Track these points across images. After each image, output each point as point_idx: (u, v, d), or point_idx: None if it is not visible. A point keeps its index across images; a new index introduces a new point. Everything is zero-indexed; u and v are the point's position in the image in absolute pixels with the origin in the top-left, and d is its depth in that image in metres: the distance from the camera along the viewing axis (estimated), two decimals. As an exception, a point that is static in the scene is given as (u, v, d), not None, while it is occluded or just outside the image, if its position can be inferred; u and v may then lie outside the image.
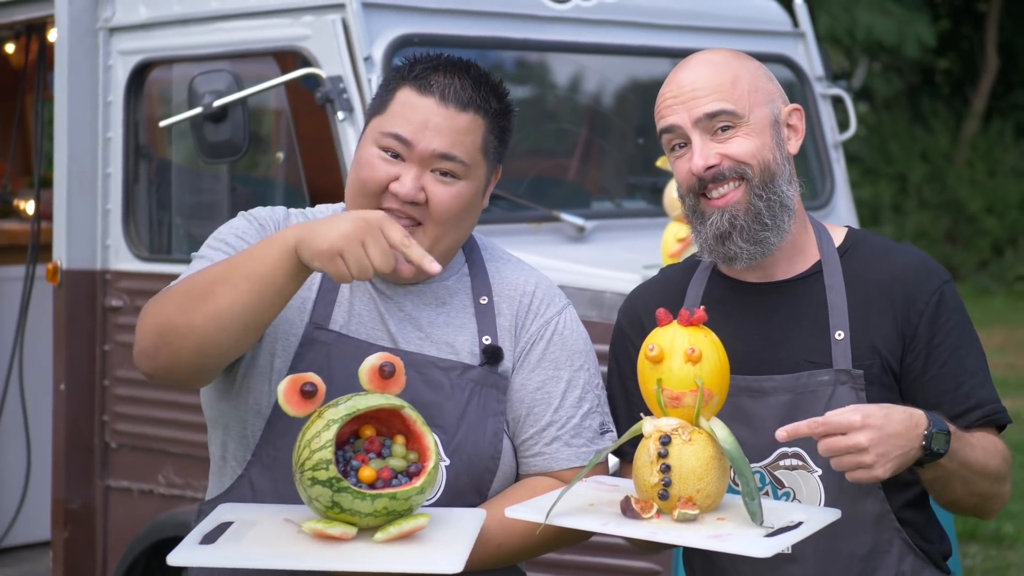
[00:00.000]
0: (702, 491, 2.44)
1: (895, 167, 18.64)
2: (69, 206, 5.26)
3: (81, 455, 5.31)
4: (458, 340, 2.71)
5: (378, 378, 2.46)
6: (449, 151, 2.61)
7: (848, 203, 5.87)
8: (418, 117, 2.61)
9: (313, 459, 2.39)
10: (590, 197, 5.73)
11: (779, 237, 2.69)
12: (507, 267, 2.81)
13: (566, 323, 2.78)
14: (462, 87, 2.63)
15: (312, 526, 2.41)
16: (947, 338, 2.68)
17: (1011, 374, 12.48)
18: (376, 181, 2.62)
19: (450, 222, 2.65)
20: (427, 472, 2.45)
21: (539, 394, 2.72)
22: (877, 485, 2.64)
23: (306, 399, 2.42)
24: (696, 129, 2.65)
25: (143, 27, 5.23)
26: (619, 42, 5.45)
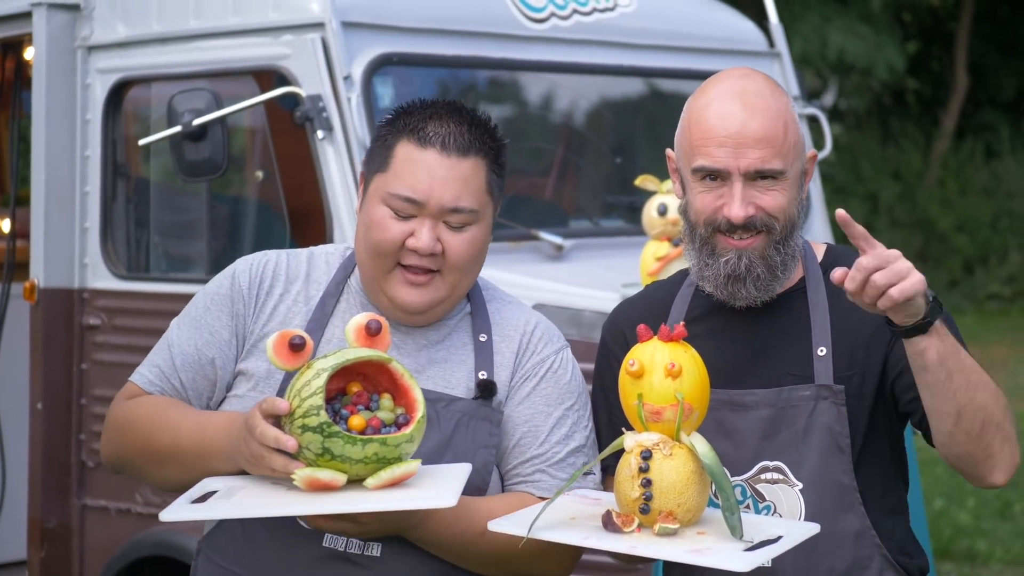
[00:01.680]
0: (683, 505, 2.46)
1: (866, 186, 18.72)
2: (47, 224, 5.25)
3: (58, 474, 5.29)
4: (453, 377, 2.74)
5: (364, 336, 2.51)
6: (459, 204, 2.66)
7: (824, 221, 5.90)
8: (424, 174, 2.65)
9: (303, 406, 2.43)
10: (568, 216, 5.74)
11: (782, 285, 2.72)
12: (508, 307, 2.84)
13: (562, 363, 2.80)
14: (460, 133, 2.67)
15: (303, 472, 2.43)
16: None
17: (983, 392, 12.51)
18: (392, 242, 2.66)
19: (467, 267, 2.70)
20: (416, 421, 2.48)
21: (526, 427, 2.75)
22: (858, 500, 2.65)
23: (295, 352, 2.47)
24: (742, 177, 2.64)
25: (122, 45, 5.23)
26: (597, 61, 5.47)
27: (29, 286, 5.26)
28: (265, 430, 2.45)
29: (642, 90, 5.85)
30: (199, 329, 2.76)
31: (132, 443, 2.72)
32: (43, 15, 5.26)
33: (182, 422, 2.67)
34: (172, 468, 2.66)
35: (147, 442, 2.69)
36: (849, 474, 2.66)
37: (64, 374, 5.28)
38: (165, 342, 2.80)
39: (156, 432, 2.68)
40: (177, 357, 2.75)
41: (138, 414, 2.72)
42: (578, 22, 5.39)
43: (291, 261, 2.82)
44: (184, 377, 2.74)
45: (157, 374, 2.76)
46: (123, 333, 5.18)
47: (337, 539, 2.64)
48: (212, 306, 2.78)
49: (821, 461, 2.66)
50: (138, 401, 2.75)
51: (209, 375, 2.75)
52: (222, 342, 2.75)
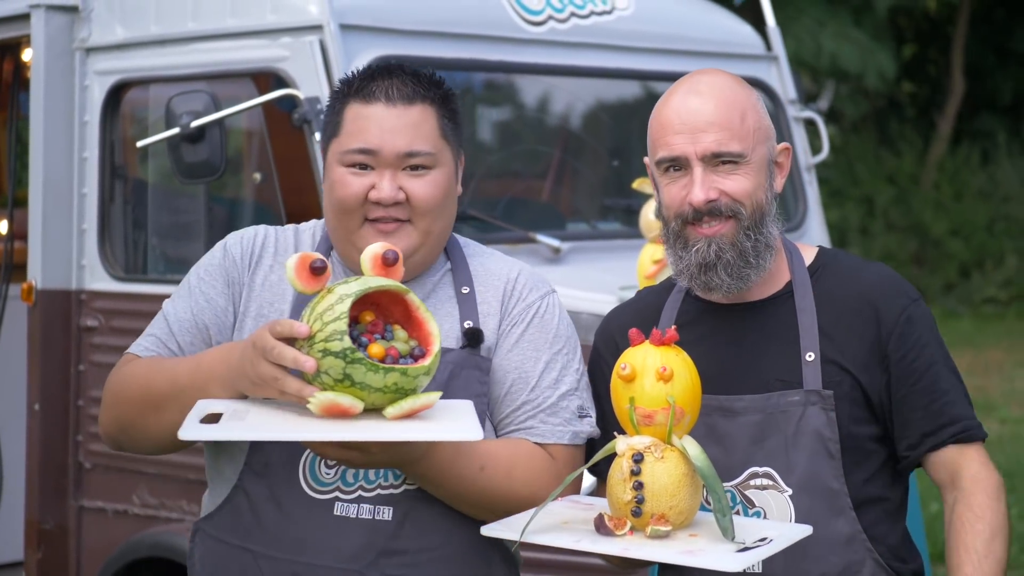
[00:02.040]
0: (674, 508, 2.47)
1: (862, 189, 18.74)
2: (44, 226, 5.25)
3: (55, 475, 5.29)
4: (442, 325, 2.75)
5: (380, 265, 2.53)
6: (412, 147, 2.72)
7: (820, 225, 5.90)
8: (374, 125, 2.71)
9: (326, 330, 2.43)
10: (565, 219, 5.75)
11: (759, 275, 2.73)
12: (490, 259, 2.88)
13: (548, 308, 2.83)
14: (402, 83, 2.74)
15: (323, 396, 2.42)
16: (918, 357, 2.70)
17: (979, 396, 12.54)
18: (354, 196, 2.72)
19: (435, 211, 2.75)
20: (432, 354, 2.49)
21: (516, 373, 2.77)
22: (848, 504, 2.67)
23: (315, 275, 2.49)
24: (700, 162, 2.68)
25: (120, 47, 5.23)
26: (594, 64, 5.48)
27: (27, 287, 5.27)
28: (283, 350, 2.45)
29: (639, 93, 5.86)
30: (194, 297, 2.80)
31: (130, 398, 2.72)
32: (41, 17, 5.26)
33: (177, 363, 2.69)
34: (171, 411, 2.64)
35: (145, 392, 2.69)
36: (839, 479, 2.67)
37: (61, 375, 5.28)
38: (160, 315, 2.83)
39: (153, 379, 2.68)
40: (174, 324, 2.78)
41: (133, 371, 2.73)
42: (575, 25, 5.39)
43: (279, 235, 2.87)
44: (182, 341, 2.77)
45: (153, 341, 2.79)
46: (120, 334, 5.17)
47: (348, 506, 2.66)
48: (206, 275, 2.81)
49: (810, 466, 2.67)
50: (135, 362, 2.76)
51: (206, 340, 2.77)
52: (218, 308, 2.78)
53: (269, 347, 2.46)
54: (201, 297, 2.79)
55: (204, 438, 2.49)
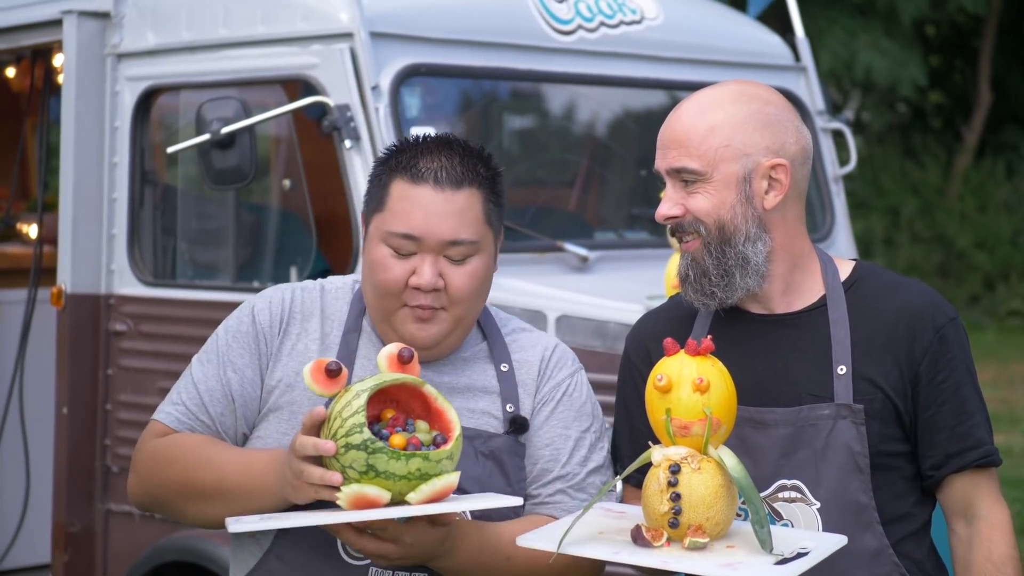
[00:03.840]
0: (712, 519, 2.46)
1: (887, 201, 18.70)
2: (74, 230, 5.28)
3: (82, 478, 5.31)
4: (479, 405, 2.76)
5: (397, 363, 2.54)
6: (457, 237, 2.67)
7: (848, 236, 5.89)
8: (419, 210, 2.66)
9: (346, 426, 2.46)
10: (593, 228, 5.76)
11: (731, 293, 2.72)
12: (524, 335, 2.87)
13: (576, 386, 2.83)
14: (451, 166, 2.68)
15: (349, 488, 2.45)
16: (948, 377, 2.70)
17: (1003, 408, 12.50)
18: (395, 282, 2.69)
19: (471, 300, 2.72)
20: (455, 439, 2.51)
21: (547, 451, 2.77)
22: (876, 519, 2.66)
23: (331, 378, 2.51)
24: (669, 177, 2.71)
25: (151, 54, 5.25)
26: (623, 74, 5.48)
27: (56, 291, 5.29)
28: (304, 439, 2.47)
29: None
30: (223, 366, 2.77)
31: (169, 480, 2.71)
32: (73, 23, 5.29)
33: (226, 460, 2.67)
34: (215, 505, 2.65)
35: (188, 480, 2.68)
36: (867, 493, 2.66)
37: (90, 379, 5.31)
38: (189, 379, 2.80)
39: (198, 469, 2.67)
40: (204, 394, 2.75)
41: (175, 452, 2.71)
42: (605, 34, 5.40)
43: (305, 297, 2.82)
44: (213, 412, 2.75)
45: (184, 412, 2.76)
46: (149, 339, 5.20)
47: (383, 572, 2.66)
48: (234, 343, 2.78)
49: (839, 480, 2.66)
50: (173, 439, 2.74)
51: (234, 411, 2.76)
52: (246, 380, 2.76)
53: (296, 471, 2.50)
54: (230, 367, 2.76)
55: (253, 528, 2.54)
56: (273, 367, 2.76)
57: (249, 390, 2.75)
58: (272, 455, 2.62)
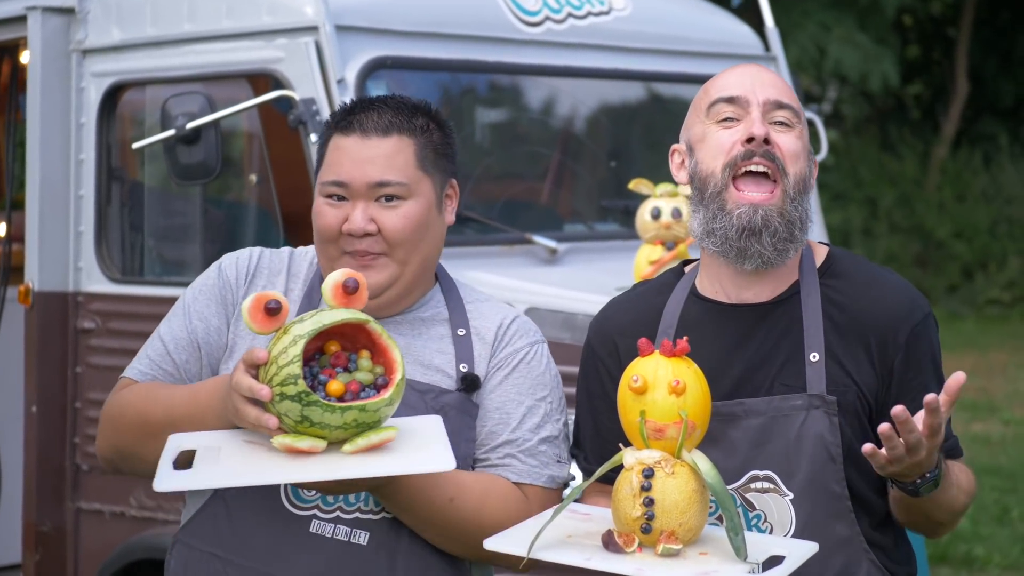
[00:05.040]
0: (684, 524, 2.41)
1: (865, 192, 18.73)
2: (41, 228, 5.25)
3: (52, 477, 5.29)
4: (435, 361, 2.76)
5: (342, 294, 2.50)
6: (382, 177, 2.72)
7: (820, 225, 5.88)
8: (346, 158, 2.72)
9: (281, 374, 2.42)
10: (562, 220, 5.74)
11: (795, 251, 2.68)
12: (485, 305, 2.87)
13: (536, 355, 2.82)
14: (379, 116, 2.75)
15: (282, 441, 2.43)
16: (919, 374, 2.67)
17: (982, 397, 12.54)
18: (329, 227, 2.73)
19: (408, 243, 2.74)
20: (395, 384, 2.47)
21: (497, 414, 2.77)
22: (848, 508, 2.64)
23: (270, 316, 2.47)
24: (760, 107, 2.64)
25: (116, 49, 5.23)
26: (591, 65, 5.47)
27: (24, 289, 5.26)
28: (240, 378, 2.46)
29: (637, 94, 5.85)
30: (188, 316, 2.80)
31: (125, 427, 2.73)
32: (38, 19, 5.26)
33: (173, 394, 2.69)
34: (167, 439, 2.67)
35: (142, 421, 2.69)
36: (841, 483, 2.64)
37: (59, 377, 5.28)
38: (155, 336, 2.83)
39: (149, 409, 2.69)
40: (169, 343, 2.79)
41: (130, 399, 2.74)
42: (572, 26, 5.39)
43: (273, 256, 2.87)
44: (178, 359, 2.78)
45: (148, 363, 2.79)
46: (118, 336, 5.18)
47: (325, 525, 2.67)
48: (201, 296, 2.82)
49: (812, 471, 2.63)
50: (129, 388, 2.77)
51: (200, 359, 2.78)
52: (212, 328, 2.79)
53: (233, 408, 2.49)
54: (196, 316, 2.79)
55: (177, 488, 2.48)
56: (237, 319, 2.79)
57: (215, 337, 2.78)
58: (217, 382, 2.63)
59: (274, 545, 2.67)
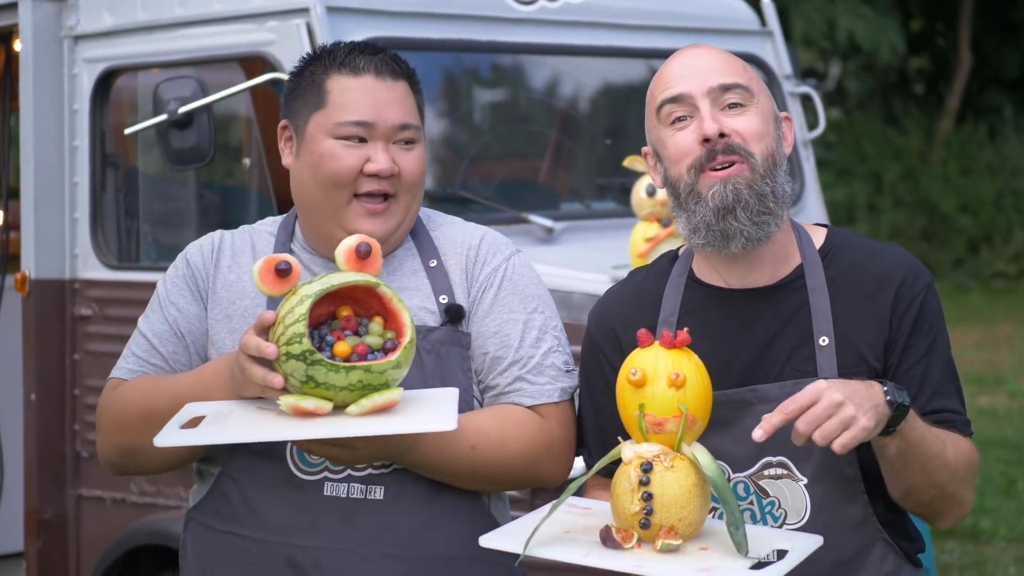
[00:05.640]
0: (684, 519, 2.37)
1: (869, 167, 18.68)
2: (37, 215, 5.24)
3: (53, 465, 5.29)
4: (413, 302, 2.73)
5: (355, 258, 2.49)
6: (405, 120, 2.74)
7: (818, 201, 5.86)
8: (368, 98, 2.70)
9: (287, 334, 2.41)
10: (559, 198, 5.72)
11: (777, 226, 2.62)
12: (451, 228, 2.86)
13: (515, 268, 2.80)
14: (385, 60, 2.75)
15: (287, 400, 2.43)
16: (919, 342, 2.63)
17: (989, 370, 12.52)
18: (349, 169, 2.69)
19: (417, 186, 2.76)
20: (403, 347, 2.45)
21: (497, 339, 2.75)
22: (862, 490, 2.60)
23: (281, 278, 2.47)
24: (707, 98, 2.59)
25: (108, 35, 5.21)
26: (585, 43, 5.45)
27: (20, 277, 5.26)
28: (248, 337, 2.46)
29: (632, 71, 5.83)
30: (166, 309, 2.79)
31: (129, 422, 2.71)
32: (29, 6, 5.25)
33: (178, 379, 2.68)
34: None
35: (147, 413, 2.67)
36: (853, 465, 2.60)
37: (57, 365, 5.28)
38: (137, 333, 2.83)
39: (152, 399, 2.67)
40: (152, 338, 2.77)
41: (131, 395, 2.72)
42: (566, 3, 5.36)
43: (236, 237, 2.86)
44: (165, 352, 2.76)
45: (135, 361, 2.78)
46: (115, 323, 5.17)
47: (339, 486, 2.66)
48: (173, 287, 2.81)
49: (826, 455, 2.56)
50: (125, 385, 2.75)
51: (186, 348, 2.77)
52: (191, 315, 2.78)
53: (241, 366, 2.49)
54: (172, 308, 2.78)
55: (180, 443, 2.48)
56: (212, 301, 2.78)
57: (196, 324, 2.77)
58: (221, 359, 2.64)
59: (292, 515, 2.66)
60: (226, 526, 2.71)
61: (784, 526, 2.61)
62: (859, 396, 2.37)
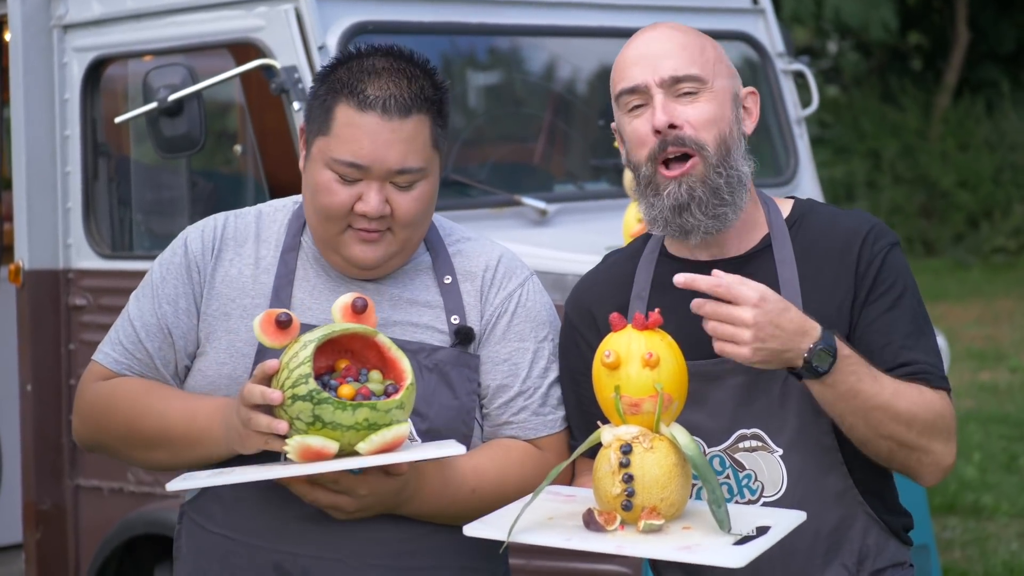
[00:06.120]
0: (666, 500, 2.39)
1: (867, 144, 18.67)
2: (29, 206, 5.23)
3: (50, 455, 5.28)
4: (423, 319, 2.72)
5: (351, 314, 2.51)
6: (404, 165, 2.62)
7: (812, 179, 5.85)
8: (366, 139, 2.60)
9: (292, 377, 2.44)
10: (553, 180, 5.71)
11: (736, 214, 2.65)
12: (467, 245, 2.82)
13: (529, 295, 2.79)
14: (399, 92, 2.62)
15: (293, 441, 2.44)
16: (882, 297, 2.63)
17: (989, 345, 12.51)
18: (340, 206, 2.63)
19: (417, 223, 2.69)
20: (405, 388, 2.48)
21: (506, 366, 2.74)
22: (840, 460, 2.61)
23: (281, 329, 2.49)
24: (660, 89, 2.61)
25: (97, 23, 5.19)
26: (576, 23, 5.43)
27: (14, 268, 5.24)
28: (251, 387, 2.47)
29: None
30: (157, 299, 2.75)
31: (111, 428, 2.71)
32: (17, -5, 5.23)
33: (168, 408, 2.66)
34: (160, 453, 2.67)
35: (130, 428, 2.68)
36: (829, 435, 2.61)
37: (52, 355, 5.26)
38: (126, 316, 2.78)
39: (140, 418, 2.67)
40: (140, 330, 2.74)
41: (116, 401, 2.70)
42: (556, -16, 5.35)
43: (239, 223, 2.80)
44: (150, 347, 2.73)
45: (121, 351, 2.75)
46: (109, 312, 5.13)
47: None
48: (168, 276, 2.76)
49: (800, 425, 2.61)
50: (113, 384, 2.73)
51: (171, 344, 2.74)
52: (181, 311, 2.74)
53: (245, 419, 2.48)
54: (164, 300, 2.74)
55: (190, 487, 2.52)
56: (208, 295, 2.74)
57: (185, 321, 2.73)
58: (217, 404, 2.62)
59: (282, 522, 2.65)
60: (218, 528, 2.71)
61: (761, 499, 2.62)
62: (771, 332, 2.42)
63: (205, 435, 2.60)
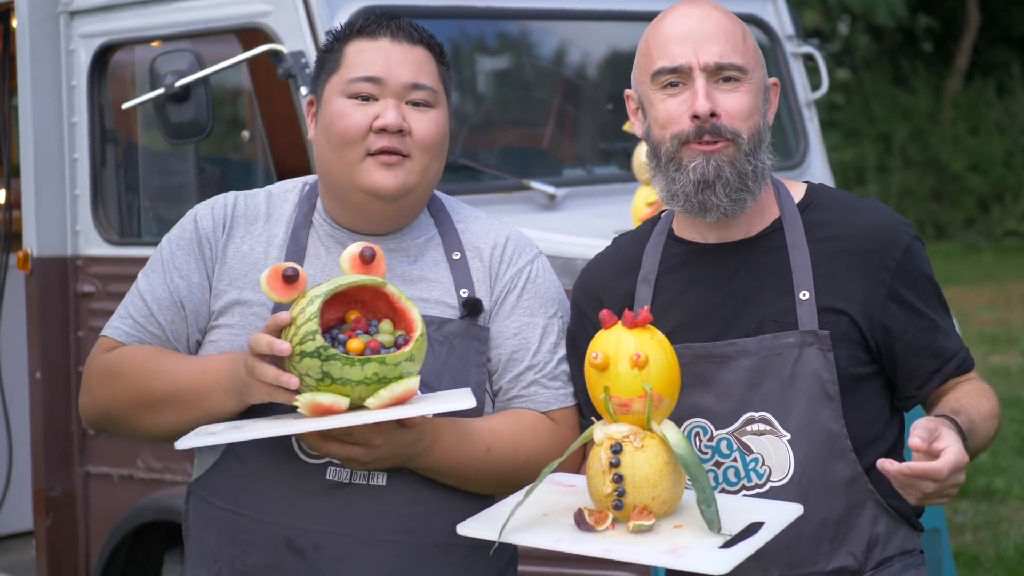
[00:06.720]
0: (657, 498, 2.38)
1: (878, 127, 18.64)
2: (37, 193, 5.22)
3: (60, 442, 5.28)
4: (432, 295, 2.73)
5: (359, 264, 2.52)
6: (418, 80, 2.69)
7: (823, 162, 5.83)
8: (380, 56, 2.68)
9: (299, 333, 2.44)
10: (562, 165, 5.70)
11: (753, 201, 2.64)
12: (476, 223, 2.84)
13: (538, 271, 2.82)
14: (401, 26, 2.72)
15: (303, 397, 2.44)
16: (920, 296, 2.64)
17: (1001, 329, 12.49)
18: (358, 126, 2.67)
19: (433, 150, 2.71)
20: (415, 340, 2.48)
21: (517, 340, 2.75)
22: (848, 447, 2.60)
23: (288, 284, 2.49)
24: (703, 73, 2.58)
25: (104, 9, 5.18)
26: (585, 7, 5.42)
27: (23, 255, 5.24)
28: (264, 369, 2.47)
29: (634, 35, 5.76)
30: (168, 273, 2.75)
31: (121, 393, 2.70)
32: (24, -18, 5.22)
33: (178, 367, 2.66)
34: (169, 412, 2.65)
35: (140, 390, 2.67)
36: (839, 421, 2.59)
37: (61, 342, 5.26)
38: (135, 292, 2.79)
39: (150, 378, 2.66)
40: (152, 303, 2.74)
41: (125, 365, 2.69)
42: (565, -33, 5.33)
43: (249, 202, 2.81)
44: (163, 320, 2.73)
45: (132, 325, 2.75)
46: (118, 299, 5.02)
47: (341, 471, 2.64)
48: (179, 250, 2.76)
49: (809, 409, 2.59)
50: (122, 352, 2.72)
51: (184, 318, 2.73)
52: (193, 284, 2.74)
53: (250, 367, 2.49)
54: (176, 273, 2.74)
55: (200, 444, 2.51)
56: (220, 271, 2.74)
57: (198, 294, 2.73)
58: (227, 357, 2.62)
59: (293, 497, 2.65)
60: (227, 504, 2.70)
61: (768, 483, 2.61)
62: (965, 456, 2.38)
63: (214, 386, 2.60)
